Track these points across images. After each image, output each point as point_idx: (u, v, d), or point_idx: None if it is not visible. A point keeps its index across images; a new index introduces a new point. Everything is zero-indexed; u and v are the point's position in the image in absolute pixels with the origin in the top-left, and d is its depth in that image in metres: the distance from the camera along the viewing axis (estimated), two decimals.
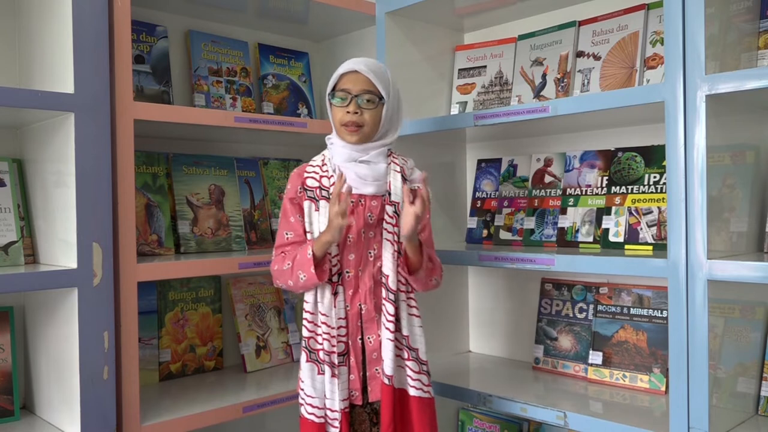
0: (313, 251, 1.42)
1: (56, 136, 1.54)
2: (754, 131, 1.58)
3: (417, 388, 1.50)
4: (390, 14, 2.07)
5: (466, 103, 2.20)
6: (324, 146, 1.62)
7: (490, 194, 2.16)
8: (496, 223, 2.08)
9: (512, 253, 1.76)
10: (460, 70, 2.24)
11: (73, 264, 1.48)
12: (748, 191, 1.53)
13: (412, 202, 1.44)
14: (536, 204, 2.00)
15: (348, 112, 1.49)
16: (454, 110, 2.21)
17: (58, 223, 1.54)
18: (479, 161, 2.23)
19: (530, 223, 1.99)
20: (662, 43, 1.74)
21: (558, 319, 2.00)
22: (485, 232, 2.13)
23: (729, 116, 1.46)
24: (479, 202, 2.19)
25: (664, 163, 1.70)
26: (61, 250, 1.53)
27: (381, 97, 1.52)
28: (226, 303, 2.14)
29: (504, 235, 2.05)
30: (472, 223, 2.18)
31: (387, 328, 1.48)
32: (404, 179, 1.55)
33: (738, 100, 1.43)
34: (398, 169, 1.55)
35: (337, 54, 2.40)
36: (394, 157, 1.57)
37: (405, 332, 1.51)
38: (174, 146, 2.05)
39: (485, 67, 2.18)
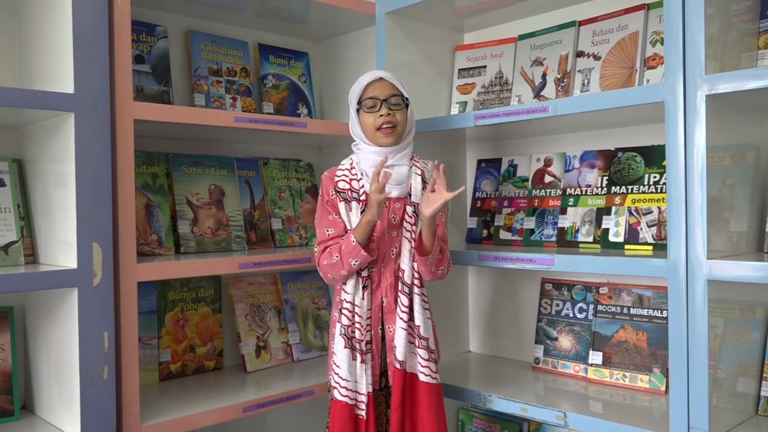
0: (356, 239, 1.55)
1: (56, 136, 1.54)
2: (754, 131, 1.58)
3: (426, 374, 1.62)
4: (390, 14, 2.07)
5: (466, 103, 2.20)
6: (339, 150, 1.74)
7: (490, 194, 2.16)
8: (496, 223, 2.08)
9: (512, 253, 1.76)
10: (460, 70, 2.24)
11: (73, 264, 1.48)
12: (748, 191, 1.53)
13: (432, 190, 1.57)
14: (536, 204, 2.00)
15: (381, 116, 1.62)
16: (454, 110, 2.21)
17: (58, 223, 1.54)
18: (479, 161, 2.23)
19: (530, 223, 1.99)
20: (662, 43, 1.74)
21: (558, 319, 1.99)
22: (485, 232, 2.13)
23: (729, 116, 1.46)
24: (479, 202, 2.19)
25: (664, 163, 1.70)
26: (61, 250, 1.53)
27: (406, 99, 1.66)
28: (226, 303, 2.14)
29: (504, 235, 2.05)
30: (472, 223, 2.18)
31: (401, 318, 1.61)
32: (424, 181, 1.68)
33: (738, 100, 1.43)
34: (419, 172, 1.69)
35: (337, 54, 2.40)
36: (416, 161, 1.71)
37: (417, 323, 1.63)
38: (174, 146, 2.05)
39: (485, 67, 2.18)
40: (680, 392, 1.42)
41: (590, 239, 1.84)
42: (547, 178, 2.01)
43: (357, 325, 1.60)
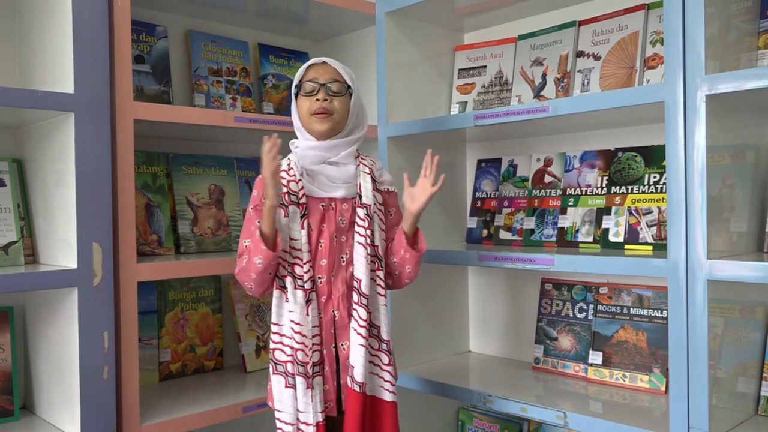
0: (260, 230, 1.37)
1: (56, 136, 1.54)
2: (754, 131, 1.58)
3: (391, 391, 1.48)
4: (390, 14, 2.07)
5: (466, 103, 2.20)
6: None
7: (490, 194, 2.16)
8: (496, 223, 2.08)
9: (512, 253, 1.76)
10: (460, 70, 2.24)
11: (73, 264, 1.48)
12: (748, 191, 1.53)
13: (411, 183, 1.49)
14: (536, 204, 2.00)
15: (318, 100, 1.47)
16: (454, 110, 2.21)
17: (58, 223, 1.54)
18: (479, 161, 2.23)
19: (530, 223, 1.99)
20: (662, 43, 1.74)
21: (558, 319, 1.99)
22: (485, 232, 2.13)
23: (729, 116, 1.46)
24: (479, 202, 2.19)
25: (664, 163, 1.70)
26: (61, 250, 1.54)
27: (349, 87, 1.50)
28: (226, 303, 2.14)
29: (504, 235, 2.05)
30: (472, 223, 2.18)
31: (359, 334, 1.43)
32: (374, 181, 1.53)
33: (738, 100, 1.43)
34: (367, 170, 1.52)
35: (337, 54, 2.39)
36: (362, 158, 1.55)
37: (386, 337, 1.49)
38: (174, 146, 2.05)
39: (485, 67, 2.18)
40: (680, 392, 1.42)
41: (590, 239, 1.84)
42: (547, 178, 2.01)
43: (298, 346, 1.40)
